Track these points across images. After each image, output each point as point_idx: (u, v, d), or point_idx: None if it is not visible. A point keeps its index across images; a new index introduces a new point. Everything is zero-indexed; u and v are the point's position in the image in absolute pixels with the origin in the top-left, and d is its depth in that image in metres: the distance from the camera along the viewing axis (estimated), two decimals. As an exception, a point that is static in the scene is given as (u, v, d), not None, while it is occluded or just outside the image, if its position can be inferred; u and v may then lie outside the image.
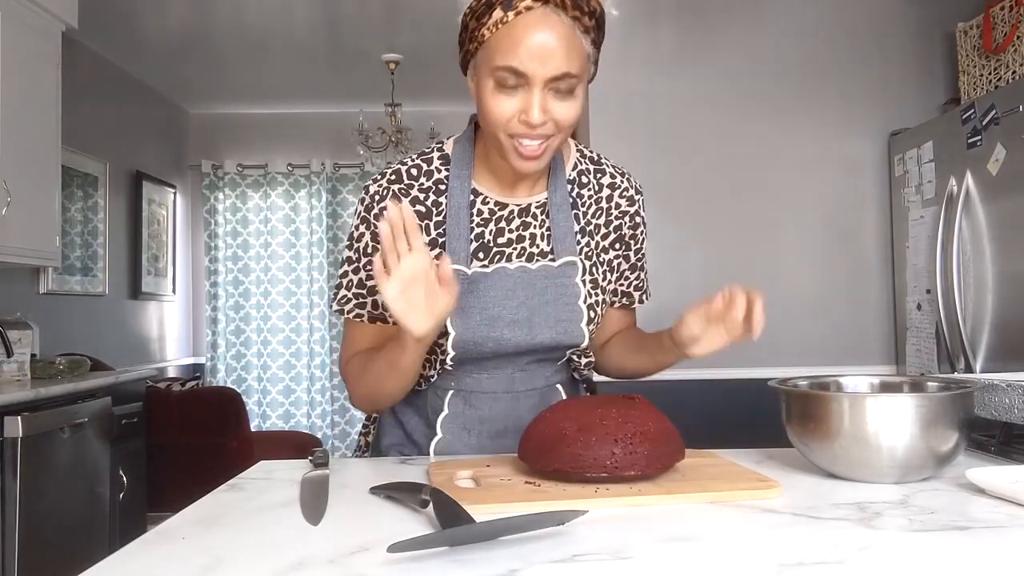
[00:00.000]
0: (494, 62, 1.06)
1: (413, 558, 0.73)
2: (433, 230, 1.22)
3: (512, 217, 1.24)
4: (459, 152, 1.25)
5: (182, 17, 4.29)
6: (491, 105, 1.09)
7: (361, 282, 1.24)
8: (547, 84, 1.06)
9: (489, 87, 1.08)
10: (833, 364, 3.22)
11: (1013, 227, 2.51)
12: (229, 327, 5.96)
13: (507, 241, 1.23)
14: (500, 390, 1.25)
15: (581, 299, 1.22)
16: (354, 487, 1.03)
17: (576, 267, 1.22)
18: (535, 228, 1.24)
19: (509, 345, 1.20)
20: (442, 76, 5.28)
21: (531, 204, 1.25)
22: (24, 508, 2.69)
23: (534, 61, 1.04)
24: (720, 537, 0.79)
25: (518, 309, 1.19)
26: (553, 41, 1.05)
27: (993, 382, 1.14)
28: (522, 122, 1.08)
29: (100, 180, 4.78)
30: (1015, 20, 2.72)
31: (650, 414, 1.02)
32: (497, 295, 1.19)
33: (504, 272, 1.20)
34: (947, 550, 0.74)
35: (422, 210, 1.22)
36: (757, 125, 3.27)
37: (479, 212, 1.23)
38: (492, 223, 1.23)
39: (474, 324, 1.18)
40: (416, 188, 1.23)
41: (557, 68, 1.05)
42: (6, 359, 3.16)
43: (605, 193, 1.30)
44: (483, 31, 1.07)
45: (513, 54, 1.05)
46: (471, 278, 1.19)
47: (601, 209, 1.30)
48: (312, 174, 6.00)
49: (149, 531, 0.85)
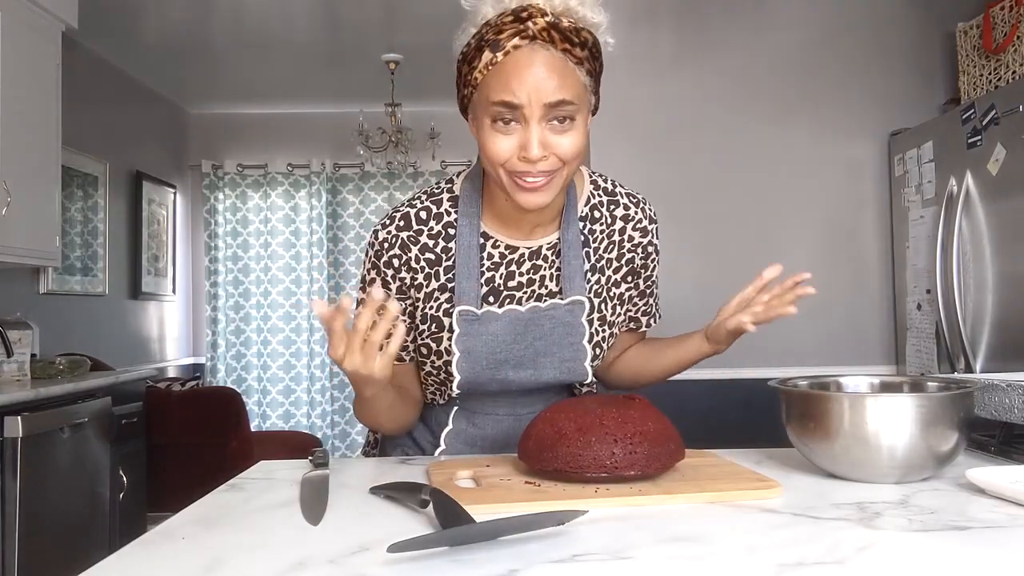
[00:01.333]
0: (490, 99, 1.06)
1: (413, 558, 0.73)
2: (443, 275, 1.21)
3: (523, 260, 1.22)
4: (467, 192, 1.22)
5: (182, 17, 4.29)
6: (490, 144, 1.08)
7: None
8: (543, 116, 1.05)
9: (487, 126, 1.08)
10: (833, 364, 3.21)
11: (1013, 227, 2.51)
12: (229, 327, 5.96)
13: (517, 284, 1.22)
14: (503, 412, 1.27)
15: (586, 339, 1.22)
16: (354, 487, 1.03)
17: (583, 306, 1.22)
18: (545, 270, 1.23)
19: (513, 385, 1.22)
20: (442, 76, 5.27)
21: (542, 247, 1.23)
22: (24, 508, 2.69)
23: (525, 91, 1.04)
24: (720, 537, 0.79)
25: (524, 351, 1.20)
26: (543, 72, 1.04)
27: (993, 382, 1.14)
28: (522, 159, 1.06)
29: (100, 180, 4.78)
30: (1015, 20, 2.72)
31: (649, 414, 1.02)
32: (506, 339, 1.19)
33: (515, 315, 1.20)
34: (947, 550, 0.74)
35: (431, 257, 1.21)
36: (757, 125, 3.27)
37: (489, 256, 1.22)
38: (503, 267, 1.22)
39: (480, 368, 1.19)
40: (425, 235, 1.22)
41: (550, 95, 1.04)
42: (6, 359, 3.16)
43: (618, 226, 1.28)
44: (475, 74, 1.08)
45: (505, 89, 1.04)
46: (480, 319, 1.19)
47: (613, 243, 1.28)
48: (312, 174, 6.01)
49: (149, 531, 0.85)
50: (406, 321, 1.24)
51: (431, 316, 1.21)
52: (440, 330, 1.20)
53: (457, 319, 1.18)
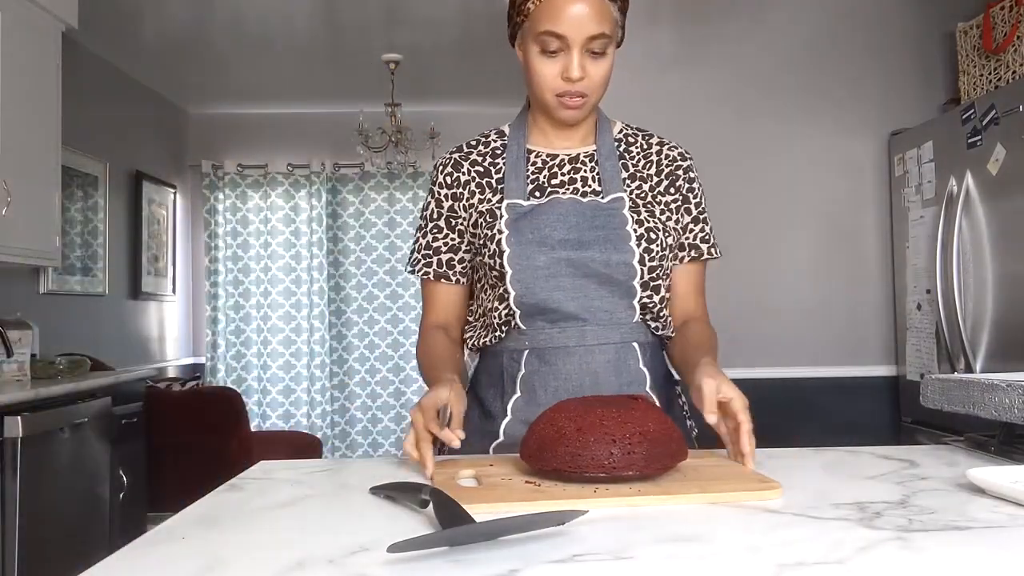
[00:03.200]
0: (538, 29, 1.25)
1: (413, 558, 0.73)
2: (494, 183, 1.38)
3: (563, 163, 1.38)
4: (515, 124, 1.43)
5: (182, 17, 4.29)
6: (537, 67, 1.28)
7: (428, 244, 1.42)
8: (584, 45, 1.24)
9: (535, 52, 1.27)
10: (833, 364, 3.22)
11: (1013, 227, 2.51)
12: (229, 327, 5.96)
13: (560, 183, 1.36)
14: (572, 344, 1.29)
15: (629, 225, 1.30)
16: (354, 487, 1.03)
17: (623, 201, 1.33)
18: (585, 172, 1.38)
19: (560, 258, 1.28)
20: (442, 76, 5.28)
21: (580, 154, 1.39)
22: (24, 508, 2.69)
23: (571, 24, 1.23)
24: (720, 537, 0.79)
25: (569, 231, 1.29)
26: (587, 8, 1.23)
27: (993, 382, 1.14)
28: (564, 79, 1.27)
29: (100, 180, 4.78)
30: (1015, 20, 2.72)
31: (651, 414, 1.02)
32: (549, 219, 1.30)
33: (557, 201, 1.32)
34: (947, 550, 0.74)
35: (480, 170, 1.39)
36: (757, 125, 3.27)
37: (533, 163, 1.39)
38: (545, 170, 1.38)
39: (526, 241, 1.29)
40: (475, 153, 1.42)
41: (592, 29, 1.24)
42: (6, 359, 3.16)
43: (655, 148, 1.43)
44: (528, 5, 1.27)
45: (554, 20, 1.23)
46: (526, 209, 1.32)
47: (651, 162, 1.41)
48: (312, 174, 6.01)
49: (149, 531, 0.85)
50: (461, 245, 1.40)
51: (485, 211, 1.35)
52: (493, 220, 1.32)
53: (506, 209, 1.32)
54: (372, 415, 6.06)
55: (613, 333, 1.30)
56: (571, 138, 1.40)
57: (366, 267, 6.08)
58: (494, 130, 1.45)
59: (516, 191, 1.34)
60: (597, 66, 1.28)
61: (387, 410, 6.06)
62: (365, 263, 6.08)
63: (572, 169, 1.38)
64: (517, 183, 1.35)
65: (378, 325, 6.05)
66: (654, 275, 1.31)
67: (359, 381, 6.07)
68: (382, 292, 6.05)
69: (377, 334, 6.05)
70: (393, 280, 6.05)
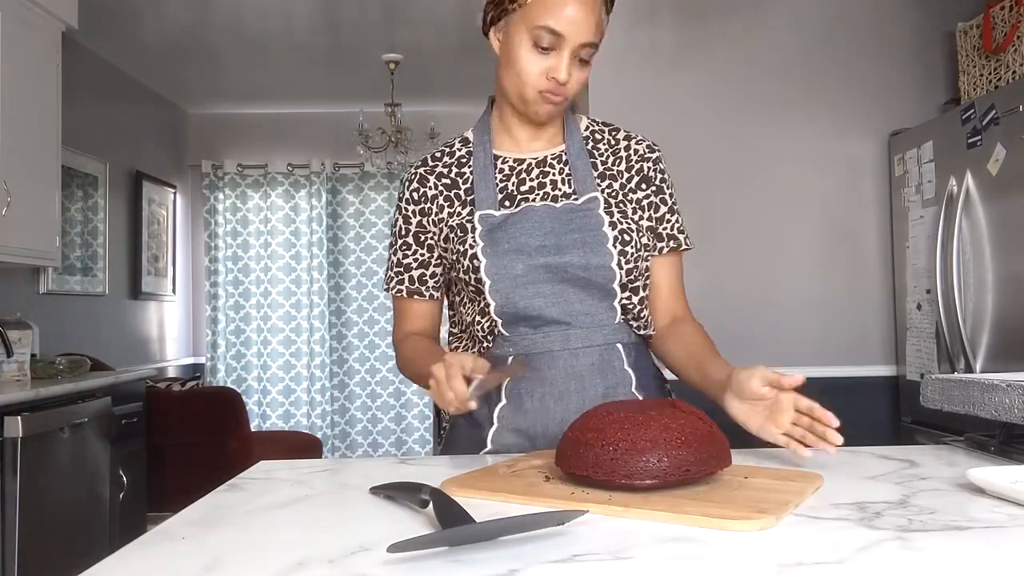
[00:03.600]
0: (536, 22, 1.22)
1: (413, 558, 0.73)
2: (463, 195, 1.35)
3: (531, 168, 1.36)
4: (478, 129, 1.40)
5: (182, 17, 4.29)
6: (524, 60, 1.25)
7: (399, 261, 1.41)
8: (575, 50, 1.23)
9: (525, 44, 1.24)
10: (833, 364, 3.22)
11: (1013, 227, 2.51)
12: (229, 327, 5.96)
13: (529, 188, 1.34)
14: (557, 348, 1.28)
15: (606, 225, 1.29)
16: (354, 487, 1.03)
17: (598, 201, 1.31)
18: (554, 175, 1.35)
19: (538, 264, 1.26)
20: (442, 76, 5.28)
21: (547, 156, 1.37)
22: (24, 508, 2.69)
23: (571, 25, 1.21)
24: (720, 537, 0.79)
25: (545, 237, 1.28)
26: (587, 10, 1.22)
27: (993, 382, 1.14)
28: (551, 79, 1.25)
29: (100, 180, 4.78)
30: (1015, 20, 2.71)
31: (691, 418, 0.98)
32: (524, 227, 1.29)
33: (531, 209, 1.30)
34: (947, 550, 0.74)
35: (447, 182, 1.37)
36: (757, 125, 3.27)
37: (500, 170, 1.36)
38: (514, 176, 1.36)
39: (502, 251, 1.27)
40: (440, 165, 1.39)
41: (587, 36, 1.23)
42: (6, 359, 3.16)
43: (622, 144, 1.41)
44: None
45: (556, 17, 1.21)
46: (499, 219, 1.29)
47: (620, 157, 1.39)
48: (312, 174, 6.01)
49: (149, 531, 0.85)
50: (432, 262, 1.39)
51: (456, 226, 1.33)
52: (465, 234, 1.30)
53: (479, 220, 1.30)
54: (372, 415, 6.07)
55: (596, 335, 1.29)
56: (539, 138, 1.38)
57: (366, 267, 6.08)
58: (458, 137, 1.42)
59: (486, 201, 1.31)
60: (581, 72, 1.27)
61: (387, 410, 6.06)
62: (365, 263, 6.08)
63: (540, 173, 1.35)
64: (487, 193, 1.32)
65: (378, 325, 6.05)
66: (632, 276, 1.30)
67: (359, 381, 6.07)
68: (382, 292, 6.05)
69: (377, 334, 6.06)
70: (393, 280, 6.04)
